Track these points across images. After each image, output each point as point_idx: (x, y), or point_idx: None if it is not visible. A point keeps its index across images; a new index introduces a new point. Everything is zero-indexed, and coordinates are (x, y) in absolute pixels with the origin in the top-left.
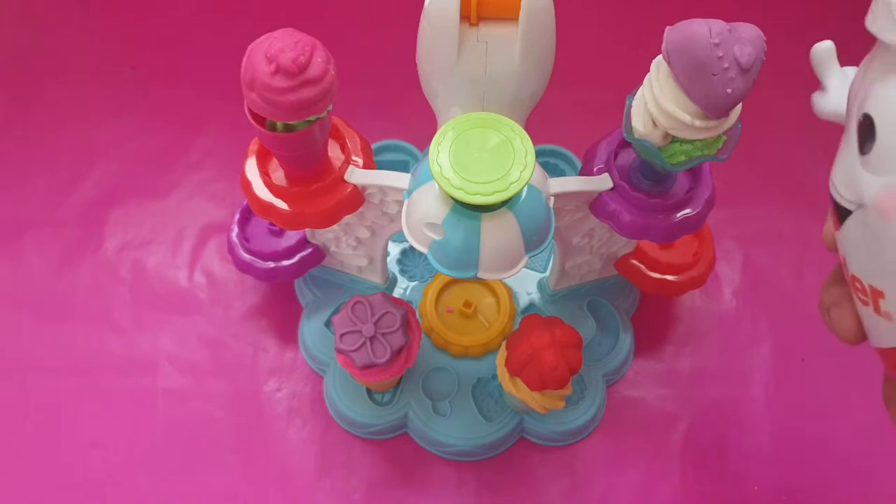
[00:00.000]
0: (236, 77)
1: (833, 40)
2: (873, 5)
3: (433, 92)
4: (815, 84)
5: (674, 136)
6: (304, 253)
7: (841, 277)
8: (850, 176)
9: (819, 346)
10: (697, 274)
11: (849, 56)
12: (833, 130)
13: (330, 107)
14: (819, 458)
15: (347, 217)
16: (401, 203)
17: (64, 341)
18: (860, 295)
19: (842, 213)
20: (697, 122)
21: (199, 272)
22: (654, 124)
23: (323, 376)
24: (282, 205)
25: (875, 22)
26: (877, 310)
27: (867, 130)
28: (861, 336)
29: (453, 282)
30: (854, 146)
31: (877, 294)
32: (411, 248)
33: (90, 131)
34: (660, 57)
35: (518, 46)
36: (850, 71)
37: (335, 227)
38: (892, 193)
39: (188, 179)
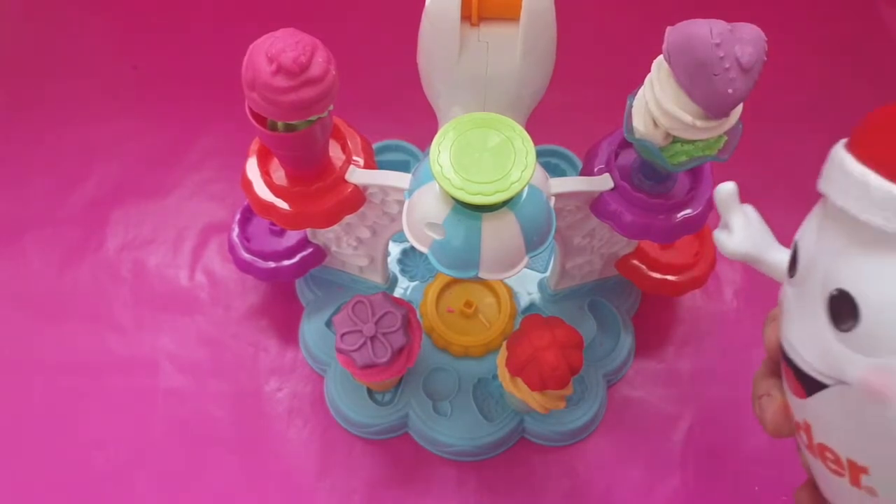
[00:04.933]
0: (237, 77)
1: (832, 42)
2: (827, 169)
3: (434, 92)
4: (816, 85)
5: (675, 137)
6: (304, 253)
7: (773, 369)
8: (825, 350)
9: None
10: (698, 274)
11: (850, 55)
12: (833, 131)
13: (331, 106)
14: None
15: (348, 217)
16: (402, 203)
17: (64, 341)
18: (831, 465)
19: (809, 383)
20: (699, 123)
21: (200, 272)
22: (655, 124)
23: (323, 376)
24: (283, 204)
25: (839, 194)
26: (855, 483)
27: (844, 307)
28: (784, 431)
29: (454, 282)
30: (823, 319)
31: (858, 469)
32: (412, 247)
33: (90, 131)
34: (661, 57)
35: (519, 46)
36: (750, 210)
37: (336, 226)
38: (883, 375)
39: (189, 179)
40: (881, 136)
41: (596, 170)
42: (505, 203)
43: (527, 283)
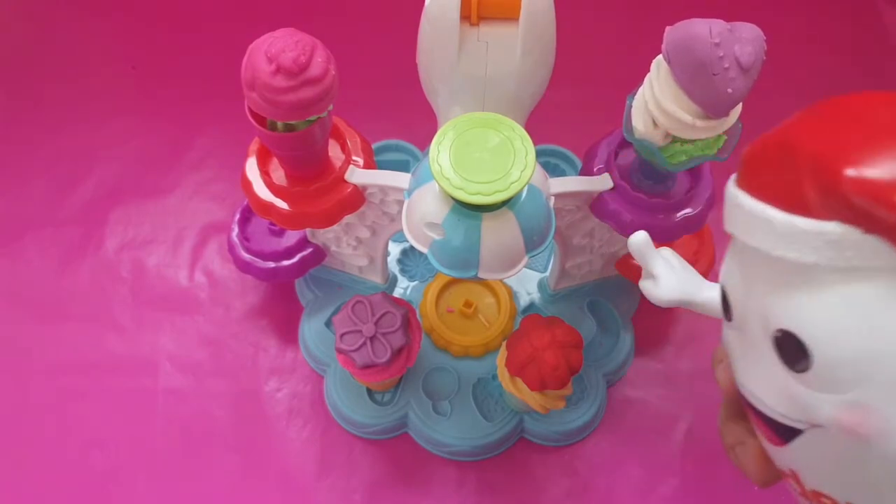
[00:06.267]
0: (237, 77)
1: (832, 42)
2: (728, 208)
3: (434, 92)
4: (816, 85)
5: (674, 136)
6: (304, 253)
7: (737, 411)
8: (788, 395)
9: None
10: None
11: (850, 55)
12: None
13: (330, 106)
14: None
15: (348, 217)
16: (401, 203)
17: (64, 341)
18: None
19: (782, 429)
20: (698, 122)
21: (200, 272)
22: (655, 124)
23: (323, 376)
24: (282, 204)
25: (746, 233)
26: None
27: (791, 347)
28: (771, 479)
29: (454, 282)
30: (776, 362)
31: None
32: (412, 247)
33: (90, 131)
34: (660, 57)
35: (518, 46)
36: (669, 254)
37: (336, 226)
38: (856, 413)
39: (188, 179)
40: (769, 168)
41: (595, 169)
42: (504, 203)
43: (526, 283)
